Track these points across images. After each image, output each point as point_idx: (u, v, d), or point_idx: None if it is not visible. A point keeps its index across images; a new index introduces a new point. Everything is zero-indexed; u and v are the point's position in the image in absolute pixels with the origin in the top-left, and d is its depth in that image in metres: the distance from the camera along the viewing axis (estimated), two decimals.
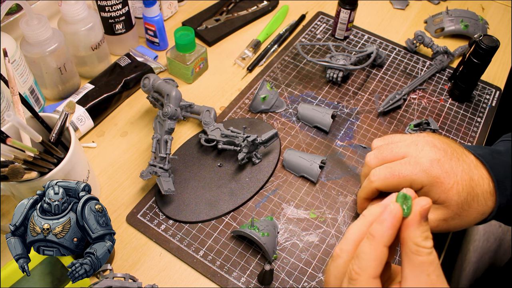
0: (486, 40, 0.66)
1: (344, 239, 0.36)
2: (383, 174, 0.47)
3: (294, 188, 0.62)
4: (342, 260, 0.35)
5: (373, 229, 0.33)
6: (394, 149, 0.49)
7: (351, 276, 0.33)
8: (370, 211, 0.36)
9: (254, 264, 0.55)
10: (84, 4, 0.68)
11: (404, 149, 0.49)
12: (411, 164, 0.47)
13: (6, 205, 0.60)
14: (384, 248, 0.33)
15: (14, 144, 0.44)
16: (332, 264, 0.36)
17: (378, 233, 0.33)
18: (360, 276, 0.33)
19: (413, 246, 0.32)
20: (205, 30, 0.84)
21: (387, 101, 0.72)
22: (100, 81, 0.70)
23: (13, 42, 0.61)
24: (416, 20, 0.91)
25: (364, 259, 0.33)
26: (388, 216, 0.33)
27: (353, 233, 0.36)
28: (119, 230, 0.58)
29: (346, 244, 0.36)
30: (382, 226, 0.33)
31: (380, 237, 0.33)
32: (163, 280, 0.54)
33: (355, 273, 0.33)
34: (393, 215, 0.33)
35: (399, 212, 0.33)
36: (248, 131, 0.68)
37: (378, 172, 0.48)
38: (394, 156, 0.49)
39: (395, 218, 0.33)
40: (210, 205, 0.60)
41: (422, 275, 0.32)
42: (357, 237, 0.35)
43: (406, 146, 0.49)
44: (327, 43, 0.79)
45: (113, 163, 0.65)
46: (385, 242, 0.33)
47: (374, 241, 0.33)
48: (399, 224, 0.33)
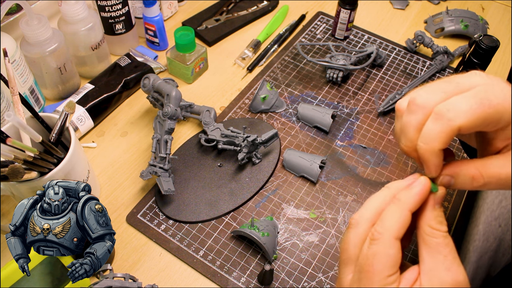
0: (486, 40, 0.66)
1: (365, 207, 0.35)
2: (467, 104, 0.32)
3: (294, 188, 0.62)
4: (363, 227, 0.35)
5: (400, 194, 0.34)
6: (457, 79, 0.35)
7: (373, 237, 0.33)
8: (394, 184, 0.35)
9: (254, 264, 0.55)
10: (84, 4, 0.68)
11: (471, 79, 0.34)
12: (496, 91, 0.33)
13: (6, 205, 0.60)
14: (408, 212, 0.33)
15: (14, 144, 0.44)
16: (351, 231, 0.35)
17: (405, 197, 0.33)
18: (382, 235, 0.33)
19: (428, 229, 0.33)
20: (205, 30, 0.84)
21: (387, 101, 0.72)
22: (100, 81, 0.70)
23: (13, 42, 0.61)
24: (416, 20, 0.91)
25: (388, 220, 0.33)
26: (418, 184, 0.33)
27: (375, 201, 0.35)
28: (119, 230, 0.58)
29: (367, 211, 0.35)
30: (410, 192, 0.33)
31: (406, 201, 0.33)
32: (163, 280, 0.54)
33: (378, 233, 0.33)
34: (423, 184, 0.33)
35: (428, 183, 0.34)
36: (248, 131, 0.68)
37: (455, 104, 0.32)
38: (461, 89, 0.34)
39: (424, 187, 0.33)
40: (210, 205, 0.60)
41: (439, 256, 0.32)
42: (378, 206, 0.35)
43: (469, 76, 0.35)
44: (327, 43, 0.79)
45: (113, 163, 0.65)
46: (411, 206, 0.33)
47: (400, 204, 0.33)
48: (426, 195, 0.34)
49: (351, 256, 0.35)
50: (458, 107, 0.32)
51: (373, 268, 0.32)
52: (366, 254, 0.33)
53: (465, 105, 0.32)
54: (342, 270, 0.36)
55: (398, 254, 0.33)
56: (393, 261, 0.32)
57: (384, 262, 0.32)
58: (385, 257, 0.32)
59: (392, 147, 0.68)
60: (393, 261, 0.32)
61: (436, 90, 0.34)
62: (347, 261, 0.35)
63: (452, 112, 0.32)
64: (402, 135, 0.35)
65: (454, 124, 0.32)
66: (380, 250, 0.32)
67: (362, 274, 0.33)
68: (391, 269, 0.32)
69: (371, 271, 0.32)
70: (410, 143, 0.34)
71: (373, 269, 0.32)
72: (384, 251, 0.32)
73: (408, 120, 0.34)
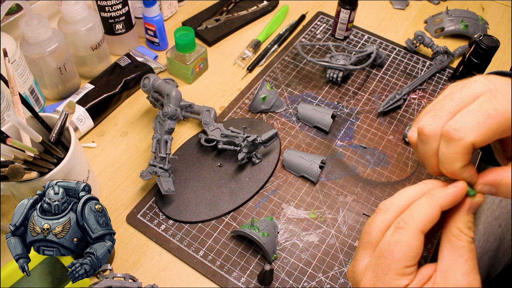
0: (486, 40, 0.66)
1: (397, 196, 0.35)
2: (473, 120, 0.32)
3: (294, 188, 0.62)
4: (391, 214, 0.34)
5: (436, 190, 0.33)
6: (458, 94, 0.34)
7: (399, 225, 0.32)
8: (432, 182, 0.35)
9: (254, 264, 0.55)
10: (84, 4, 0.68)
11: (473, 89, 0.33)
12: (500, 97, 0.32)
13: (6, 205, 0.60)
14: (439, 208, 0.32)
15: (14, 144, 0.44)
16: (379, 216, 0.34)
17: (439, 194, 0.33)
18: (408, 225, 0.32)
19: (455, 230, 0.32)
20: (205, 30, 0.84)
21: (387, 101, 0.72)
22: (100, 81, 0.70)
23: (13, 42, 0.61)
24: (416, 20, 0.91)
25: (417, 211, 0.32)
26: (455, 186, 0.33)
27: (408, 193, 0.35)
28: (119, 230, 0.58)
29: (398, 200, 0.34)
30: (445, 190, 0.33)
31: (439, 198, 0.33)
32: (163, 280, 0.54)
33: (404, 222, 0.32)
34: (460, 187, 0.33)
35: (465, 187, 0.33)
36: (248, 131, 0.68)
37: (462, 122, 0.32)
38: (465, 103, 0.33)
39: (460, 189, 0.33)
40: (210, 205, 0.60)
41: (460, 259, 0.31)
42: (410, 197, 0.34)
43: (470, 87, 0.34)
44: (327, 43, 0.79)
45: (113, 163, 0.65)
46: (443, 204, 0.32)
47: (433, 199, 0.33)
48: (461, 197, 0.33)
49: (373, 240, 0.34)
50: (465, 125, 0.32)
51: (392, 255, 0.32)
52: (389, 241, 0.32)
53: (472, 121, 0.31)
54: (360, 252, 0.35)
55: (420, 247, 0.32)
56: (414, 253, 0.32)
57: (404, 252, 0.32)
58: (407, 247, 0.32)
59: (392, 147, 0.68)
60: (414, 252, 0.32)
61: (441, 113, 0.34)
62: (367, 244, 0.35)
63: (460, 131, 0.32)
64: (425, 164, 0.36)
65: (465, 143, 0.32)
66: (403, 239, 0.32)
67: (380, 260, 0.32)
68: (411, 260, 0.32)
69: (390, 258, 0.32)
70: (436, 170, 0.35)
71: (392, 256, 0.32)
72: (407, 241, 0.32)
73: (423, 151, 0.35)
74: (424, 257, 0.56)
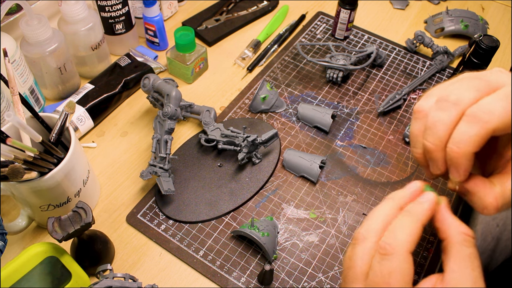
0: (486, 40, 0.66)
1: (370, 220, 0.33)
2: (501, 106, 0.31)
3: (294, 188, 0.62)
4: (371, 241, 0.32)
5: (411, 207, 0.32)
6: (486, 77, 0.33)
7: (385, 251, 0.31)
8: (398, 195, 0.34)
9: (254, 264, 0.55)
10: (84, 4, 0.68)
11: (499, 77, 0.33)
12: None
13: (6, 205, 0.60)
14: (421, 226, 0.31)
15: (14, 144, 0.44)
16: (358, 247, 0.32)
17: (416, 211, 0.32)
18: (395, 250, 0.30)
19: (459, 236, 0.31)
20: (205, 30, 0.84)
21: (387, 101, 0.72)
22: (100, 81, 0.70)
23: (13, 42, 0.61)
24: (416, 20, 0.91)
25: (401, 233, 0.31)
26: (427, 199, 0.32)
27: (381, 213, 0.33)
28: (119, 230, 0.58)
29: (374, 224, 0.33)
30: (421, 206, 0.32)
31: (418, 215, 0.32)
32: (163, 280, 0.54)
33: (390, 247, 0.30)
34: (431, 198, 0.32)
35: (436, 197, 0.32)
36: (248, 131, 0.68)
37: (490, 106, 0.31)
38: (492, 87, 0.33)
39: (433, 201, 0.32)
40: (210, 205, 0.60)
41: (467, 270, 0.31)
42: (385, 218, 0.33)
43: (497, 74, 0.33)
44: (327, 43, 0.79)
45: (113, 163, 0.65)
46: (423, 220, 0.32)
47: (412, 217, 0.32)
48: (435, 209, 0.32)
49: (359, 274, 0.32)
50: (493, 109, 0.31)
51: (389, 286, 0.30)
52: (380, 271, 0.31)
53: (500, 107, 0.31)
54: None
55: (412, 267, 0.31)
56: (408, 277, 0.31)
57: (400, 279, 0.30)
58: (401, 275, 0.30)
59: (392, 147, 0.68)
60: (408, 276, 0.31)
61: (469, 88, 0.32)
62: (353, 279, 0.33)
63: (488, 114, 0.31)
64: (429, 134, 0.33)
65: (489, 127, 0.31)
66: (395, 266, 0.30)
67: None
68: (407, 284, 0.31)
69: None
70: (439, 142, 0.33)
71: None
72: (400, 266, 0.30)
73: (438, 118, 0.32)
74: (424, 257, 0.56)
